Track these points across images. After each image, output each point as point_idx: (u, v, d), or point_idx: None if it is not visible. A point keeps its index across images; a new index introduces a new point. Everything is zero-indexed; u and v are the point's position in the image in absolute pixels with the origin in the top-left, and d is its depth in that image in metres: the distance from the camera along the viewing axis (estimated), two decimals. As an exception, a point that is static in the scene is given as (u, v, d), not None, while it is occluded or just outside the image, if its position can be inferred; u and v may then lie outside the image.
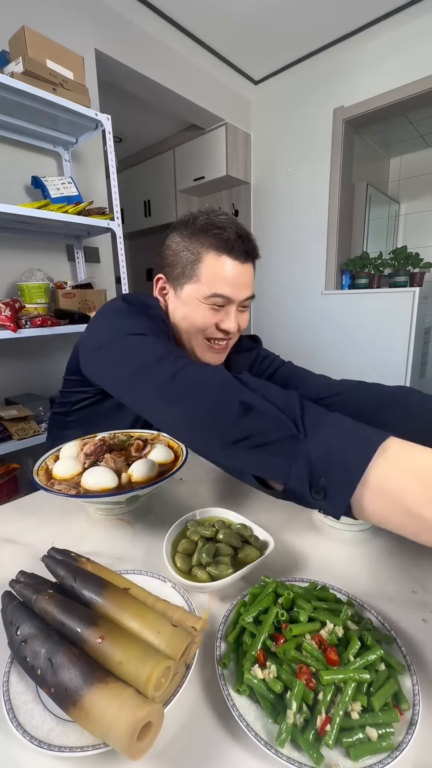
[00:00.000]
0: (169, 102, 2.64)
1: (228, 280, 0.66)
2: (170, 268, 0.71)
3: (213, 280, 0.66)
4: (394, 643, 0.35)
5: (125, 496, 0.53)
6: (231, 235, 0.65)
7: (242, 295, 0.69)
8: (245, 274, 0.68)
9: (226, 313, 0.70)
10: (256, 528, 0.50)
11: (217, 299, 0.67)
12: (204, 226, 0.66)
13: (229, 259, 0.65)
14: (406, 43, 2.30)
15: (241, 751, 0.29)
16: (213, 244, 0.65)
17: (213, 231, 0.65)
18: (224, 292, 0.67)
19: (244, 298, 0.70)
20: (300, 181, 2.94)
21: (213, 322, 0.70)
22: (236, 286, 0.67)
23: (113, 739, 0.26)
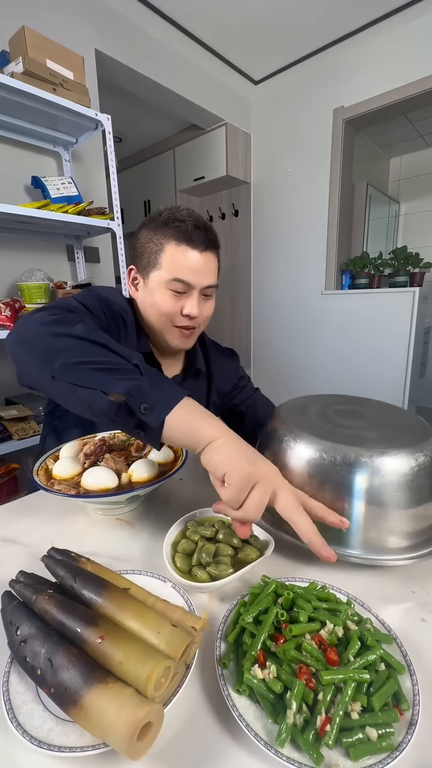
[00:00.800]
0: (169, 102, 2.64)
1: (187, 267, 0.72)
2: (139, 259, 0.77)
3: (174, 266, 0.72)
4: (394, 643, 0.35)
5: (125, 496, 0.53)
6: (189, 226, 0.71)
7: (202, 281, 0.73)
8: (205, 262, 0.73)
9: (188, 298, 0.74)
10: (256, 528, 0.50)
11: (177, 284, 0.72)
12: (166, 220, 0.72)
13: (188, 248, 0.71)
14: (406, 43, 2.30)
15: (241, 751, 0.29)
16: (174, 235, 0.71)
17: (174, 224, 0.71)
18: (183, 277, 0.72)
19: (205, 285, 0.74)
20: (300, 181, 2.94)
21: (177, 307, 0.75)
22: (195, 273, 0.72)
23: (113, 739, 0.26)
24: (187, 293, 0.74)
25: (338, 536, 0.46)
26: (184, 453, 0.62)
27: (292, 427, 0.52)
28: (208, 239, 0.73)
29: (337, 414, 0.56)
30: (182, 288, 0.73)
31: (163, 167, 3.54)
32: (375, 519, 0.45)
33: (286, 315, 3.23)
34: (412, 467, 0.44)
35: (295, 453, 0.49)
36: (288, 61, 2.65)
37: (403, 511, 0.45)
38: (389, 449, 0.45)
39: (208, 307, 0.79)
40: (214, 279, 0.76)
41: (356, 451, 0.45)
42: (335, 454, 0.46)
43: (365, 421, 0.53)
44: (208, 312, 0.80)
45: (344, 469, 0.45)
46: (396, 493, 0.44)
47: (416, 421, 0.54)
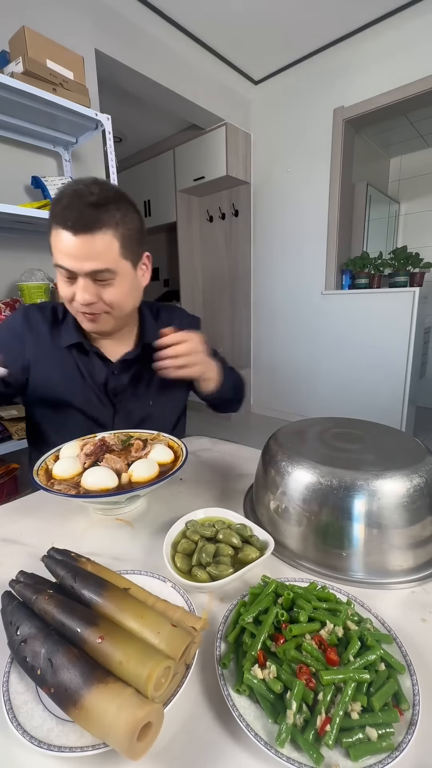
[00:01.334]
0: (169, 102, 2.64)
1: (62, 251, 0.65)
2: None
3: (55, 250, 0.67)
4: (394, 643, 0.35)
5: (125, 496, 0.53)
6: (61, 207, 0.63)
7: (82, 267, 0.66)
8: (81, 246, 0.64)
9: (77, 284, 0.68)
10: (256, 528, 0.50)
11: (60, 270, 0.68)
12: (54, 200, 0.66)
13: (62, 230, 0.64)
14: (406, 43, 2.30)
15: (241, 751, 0.29)
16: (53, 217, 0.65)
17: (54, 204, 0.65)
18: (61, 262, 0.66)
19: (87, 271, 0.66)
20: (300, 181, 2.94)
21: (70, 293, 0.70)
22: (72, 258, 0.65)
23: (113, 739, 0.26)
24: (74, 278, 0.68)
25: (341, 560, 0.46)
26: (184, 453, 0.61)
27: (290, 452, 0.52)
28: (85, 219, 0.63)
29: (334, 437, 0.56)
30: (68, 274, 0.67)
31: (163, 167, 3.54)
32: (374, 541, 0.45)
33: (286, 315, 3.23)
34: (408, 489, 0.45)
35: (293, 478, 0.50)
36: (288, 61, 2.65)
37: (402, 532, 0.45)
38: (385, 472, 0.46)
39: (110, 293, 0.70)
40: (102, 263, 0.66)
41: (352, 474, 0.46)
42: (332, 479, 0.46)
43: (362, 444, 0.54)
44: (112, 297, 0.71)
45: (341, 492, 0.45)
46: (394, 515, 0.44)
47: (412, 442, 0.54)
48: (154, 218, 3.79)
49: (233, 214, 3.38)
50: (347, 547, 0.46)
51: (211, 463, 0.79)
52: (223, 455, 0.82)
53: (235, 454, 0.83)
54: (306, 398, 3.23)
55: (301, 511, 0.49)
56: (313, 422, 0.63)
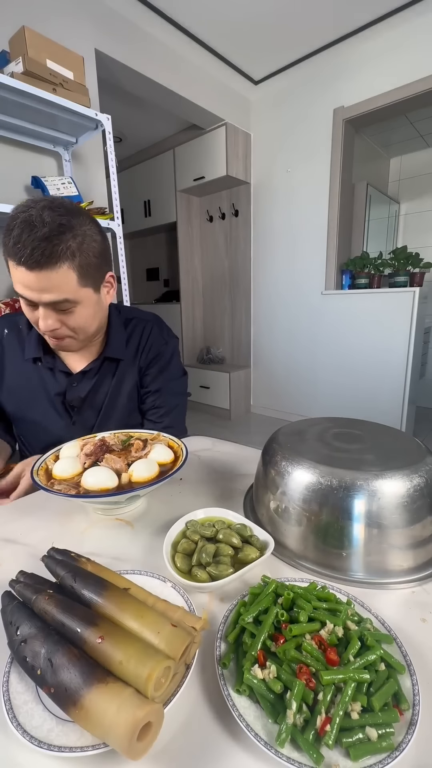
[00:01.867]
0: (169, 102, 2.64)
1: (19, 282, 0.64)
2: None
3: (12, 278, 0.65)
4: (394, 643, 0.35)
5: (125, 496, 0.53)
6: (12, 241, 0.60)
7: (40, 298, 0.65)
8: (36, 280, 0.62)
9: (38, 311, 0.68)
10: (256, 528, 0.50)
11: (22, 298, 0.67)
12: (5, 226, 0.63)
13: (14, 263, 0.62)
14: (406, 43, 2.31)
15: (241, 751, 0.29)
16: (5, 248, 0.62)
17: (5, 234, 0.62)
18: (20, 292, 0.65)
19: (46, 302, 0.65)
20: (300, 181, 2.94)
21: (34, 317, 0.69)
22: (29, 290, 0.64)
23: (113, 739, 0.26)
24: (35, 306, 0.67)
25: (341, 560, 0.46)
26: (184, 453, 0.61)
27: (290, 452, 0.52)
28: (37, 255, 0.60)
29: (334, 437, 0.56)
30: (27, 302, 0.67)
31: (163, 167, 3.54)
32: (374, 541, 0.45)
33: (286, 315, 3.23)
34: (408, 489, 0.45)
35: (293, 478, 0.50)
36: (288, 61, 2.65)
37: (402, 532, 0.45)
38: (385, 472, 0.46)
39: (72, 319, 0.70)
40: (60, 295, 0.65)
41: (352, 474, 0.46)
42: (332, 479, 0.46)
43: (362, 444, 0.54)
44: (76, 323, 0.70)
45: (341, 492, 0.45)
46: (394, 515, 0.44)
47: (412, 442, 0.54)
48: (154, 218, 3.79)
49: (233, 214, 3.38)
50: (347, 547, 0.46)
51: (211, 463, 0.79)
52: (223, 455, 0.82)
53: (235, 454, 0.83)
54: (306, 398, 3.23)
55: (301, 511, 0.49)
56: (313, 422, 0.63)
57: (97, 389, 0.85)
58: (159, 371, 0.89)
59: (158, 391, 0.89)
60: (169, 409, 0.90)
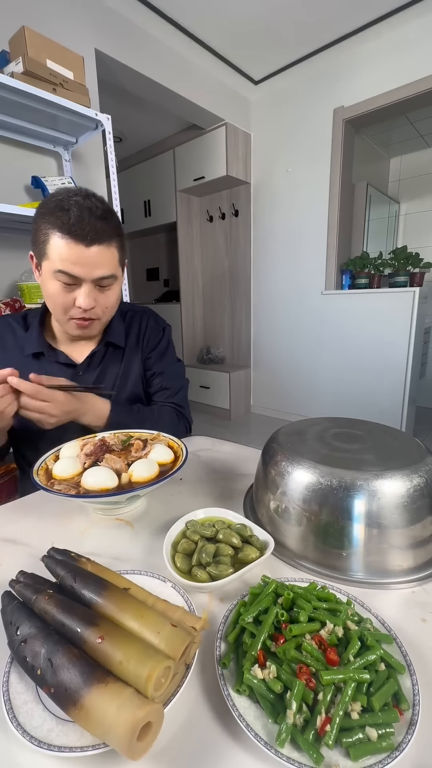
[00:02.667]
0: (169, 102, 2.64)
1: (70, 260, 0.68)
2: (34, 246, 0.74)
3: (58, 258, 0.68)
4: (394, 643, 0.35)
5: (125, 496, 0.53)
6: (72, 217, 0.66)
7: (91, 273, 0.70)
8: (92, 255, 0.69)
9: (79, 290, 0.72)
10: (256, 528, 0.50)
11: (62, 276, 0.69)
12: (53, 208, 0.68)
13: (71, 240, 0.67)
14: (406, 43, 2.31)
15: (241, 751, 0.29)
16: (57, 225, 0.67)
17: (58, 213, 0.67)
18: (68, 270, 0.69)
19: (95, 277, 0.71)
20: (300, 181, 2.94)
21: (69, 299, 0.72)
22: (81, 266, 0.69)
23: (113, 739, 0.26)
24: (77, 284, 0.71)
25: (341, 560, 0.46)
26: (185, 453, 0.62)
27: (290, 452, 0.52)
28: (96, 231, 0.68)
29: (334, 437, 0.56)
30: (70, 280, 0.70)
31: (163, 167, 3.54)
32: (374, 541, 0.45)
33: (286, 315, 3.23)
34: (408, 489, 0.45)
35: (293, 478, 0.50)
36: (288, 61, 2.65)
37: (402, 532, 0.45)
38: (385, 472, 0.46)
39: (107, 298, 0.76)
40: (109, 270, 0.72)
41: (352, 474, 0.46)
42: (332, 479, 0.46)
43: (362, 444, 0.54)
44: (108, 302, 0.76)
45: (341, 492, 0.45)
46: (394, 515, 0.44)
47: (412, 442, 0.54)
48: (154, 218, 3.79)
49: (233, 214, 3.38)
50: (347, 547, 0.46)
51: (211, 463, 0.79)
52: (223, 455, 0.82)
53: (235, 454, 0.83)
54: (306, 398, 3.23)
55: (301, 511, 0.49)
56: (313, 422, 0.63)
57: (102, 377, 0.87)
58: (160, 355, 0.96)
59: (162, 373, 0.95)
60: (176, 390, 0.96)
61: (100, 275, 0.71)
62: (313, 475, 0.48)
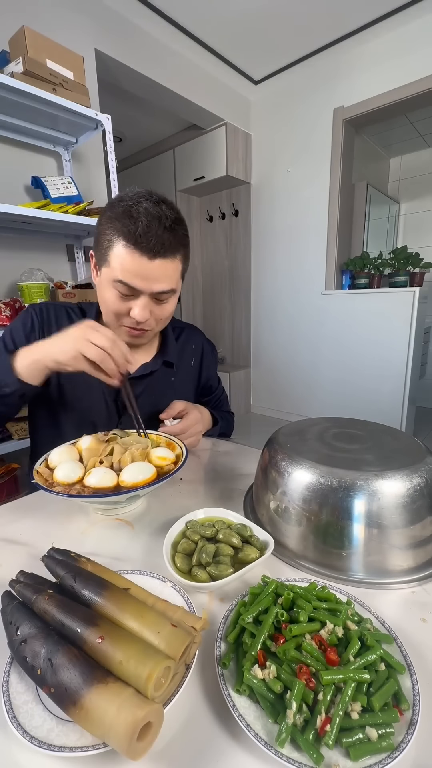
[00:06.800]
0: (169, 102, 2.64)
1: (132, 271, 0.65)
2: (96, 248, 0.72)
3: (120, 268, 0.66)
4: (394, 643, 0.35)
5: (125, 496, 0.53)
6: (139, 228, 0.63)
7: (151, 287, 0.68)
8: (155, 268, 0.66)
9: (136, 301, 0.69)
10: (256, 528, 0.50)
11: (121, 286, 0.67)
12: (120, 214, 0.65)
13: (136, 251, 0.64)
14: (406, 43, 2.31)
15: (241, 751, 0.29)
16: (123, 233, 0.64)
17: (125, 220, 0.64)
18: (128, 281, 0.66)
19: (155, 291, 0.68)
20: (300, 181, 2.94)
21: (124, 307, 0.70)
22: (141, 279, 0.66)
23: (113, 739, 0.26)
24: (135, 296, 0.69)
25: (341, 560, 0.46)
26: (185, 453, 0.61)
27: (290, 452, 0.52)
28: (163, 243, 0.64)
29: (334, 437, 0.56)
30: (128, 291, 0.68)
31: (163, 167, 3.54)
32: (374, 541, 0.45)
33: (286, 315, 3.23)
34: (408, 489, 0.45)
35: (293, 478, 0.50)
36: (288, 61, 2.65)
37: (402, 532, 0.45)
38: (385, 472, 0.46)
39: (162, 310, 0.73)
40: (170, 285, 0.69)
41: (352, 474, 0.46)
42: (332, 479, 0.46)
43: (362, 444, 0.54)
44: (164, 314, 0.74)
45: (341, 492, 0.45)
46: (394, 515, 0.44)
47: (412, 442, 0.54)
48: (154, 218, 3.78)
49: (233, 214, 3.38)
50: (347, 547, 0.46)
51: (211, 463, 0.79)
52: (223, 455, 0.82)
53: (235, 454, 0.83)
54: (306, 398, 3.23)
55: (301, 511, 0.49)
56: (313, 422, 0.63)
57: (151, 390, 0.85)
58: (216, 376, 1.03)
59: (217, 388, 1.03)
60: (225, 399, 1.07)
61: (160, 289, 0.68)
62: (313, 475, 0.48)
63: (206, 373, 0.98)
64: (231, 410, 1.06)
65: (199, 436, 0.81)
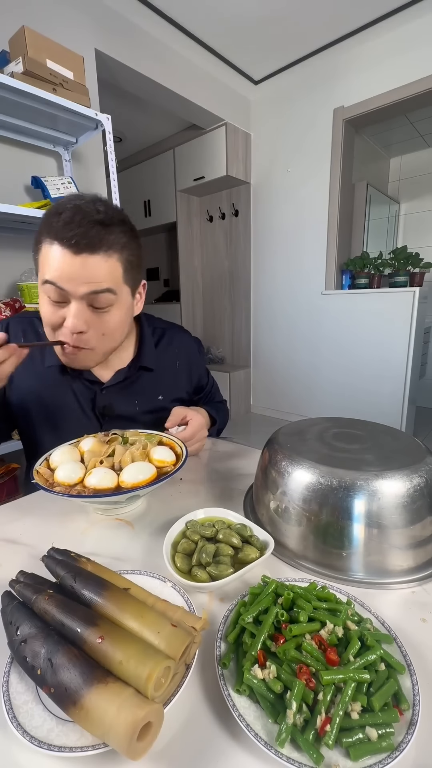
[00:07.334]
0: (169, 102, 2.64)
1: (56, 269, 0.59)
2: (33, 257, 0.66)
3: (45, 266, 0.61)
4: (394, 643, 0.35)
5: (125, 496, 0.53)
6: (62, 221, 0.57)
7: (78, 288, 0.60)
8: (80, 265, 0.59)
9: (68, 308, 0.62)
10: (256, 528, 0.50)
11: (49, 288, 0.61)
12: (49, 212, 0.61)
13: (59, 247, 0.58)
14: (406, 43, 2.31)
15: (241, 751, 0.29)
16: (47, 231, 0.59)
17: (51, 217, 0.59)
18: (53, 279, 0.60)
19: (83, 293, 0.60)
20: (300, 181, 2.94)
21: (56, 317, 0.63)
22: (67, 278, 0.59)
23: (113, 739, 0.26)
24: (66, 302, 0.62)
25: (341, 560, 0.46)
26: (184, 453, 0.61)
27: (290, 452, 0.52)
28: (87, 236, 0.58)
29: (334, 437, 0.56)
30: (57, 295, 0.61)
31: (163, 167, 3.54)
32: (374, 541, 0.45)
33: (286, 315, 3.23)
34: (408, 489, 0.45)
35: (293, 478, 0.50)
36: (288, 61, 2.65)
37: (402, 532, 0.45)
38: (385, 472, 0.46)
39: (102, 323, 0.65)
40: (101, 284, 0.61)
41: (352, 474, 0.46)
42: (332, 479, 0.46)
43: (362, 444, 0.54)
44: (106, 327, 0.65)
45: (341, 492, 0.45)
46: (394, 515, 0.44)
47: (412, 442, 0.54)
48: (154, 218, 3.79)
49: (233, 214, 3.38)
50: (347, 547, 0.46)
51: (211, 463, 0.79)
52: (223, 455, 0.82)
53: (235, 454, 0.83)
54: (306, 398, 3.23)
55: (301, 511, 0.49)
56: (313, 422, 0.63)
57: (131, 399, 0.81)
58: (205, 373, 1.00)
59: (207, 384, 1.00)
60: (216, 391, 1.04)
61: (90, 290, 0.60)
62: (313, 475, 0.48)
63: (197, 372, 0.95)
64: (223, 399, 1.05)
65: (205, 441, 0.81)
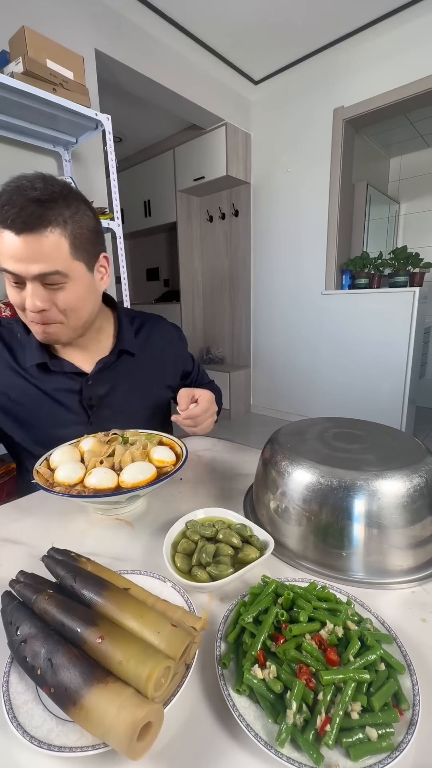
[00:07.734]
0: (169, 102, 2.64)
1: (6, 254, 0.59)
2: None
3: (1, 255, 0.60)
4: (394, 643, 0.35)
5: (125, 496, 0.53)
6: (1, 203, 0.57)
7: (28, 270, 0.60)
8: (25, 246, 0.58)
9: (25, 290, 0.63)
10: (256, 528, 0.50)
11: (7, 275, 0.62)
12: None
13: (3, 229, 0.58)
14: (406, 43, 2.31)
15: (241, 751, 0.29)
16: None
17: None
18: (6, 266, 0.60)
19: (35, 274, 0.60)
20: (300, 181, 2.94)
21: (20, 299, 0.65)
22: (15, 260, 0.59)
23: (113, 739, 0.26)
24: (22, 283, 0.62)
25: (341, 560, 0.46)
26: (184, 453, 0.62)
27: (290, 452, 0.52)
28: (26, 216, 0.56)
29: (334, 437, 0.56)
30: (13, 279, 0.62)
31: (163, 167, 3.54)
32: (374, 541, 0.45)
33: (286, 315, 3.23)
34: (408, 489, 0.45)
35: (293, 478, 0.50)
36: (288, 61, 2.65)
37: (402, 532, 0.45)
38: (385, 472, 0.46)
39: (63, 298, 0.65)
40: (51, 265, 0.60)
41: (352, 474, 0.46)
42: (332, 479, 0.46)
43: (362, 444, 0.54)
44: (67, 302, 0.65)
45: (341, 492, 0.45)
46: (394, 515, 0.44)
47: (412, 442, 0.54)
48: (154, 218, 3.79)
49: (233, 214, 3.38)
50: (347, 547, 0.46)
51: (211, 463, 0.79)
52: (223, 455, 0.82)
53: (235, 454, 0.83)
54: (306, 398, 3.23)
55: (301, 511, 0.49)
56: (313, 422, 0.63)
57: (116, 388, 0.81)
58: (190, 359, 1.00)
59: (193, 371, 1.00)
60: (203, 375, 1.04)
61: (39, 271, 0.60)
62: (313, 475, 0.48)
63: (181, 357, 0.95)
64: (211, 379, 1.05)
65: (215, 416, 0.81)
